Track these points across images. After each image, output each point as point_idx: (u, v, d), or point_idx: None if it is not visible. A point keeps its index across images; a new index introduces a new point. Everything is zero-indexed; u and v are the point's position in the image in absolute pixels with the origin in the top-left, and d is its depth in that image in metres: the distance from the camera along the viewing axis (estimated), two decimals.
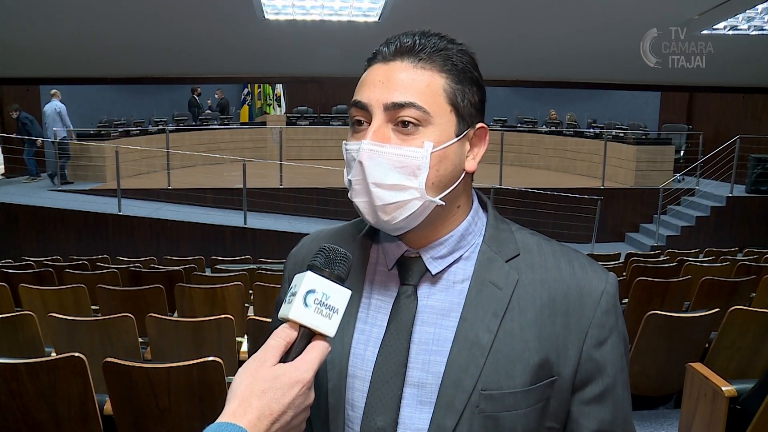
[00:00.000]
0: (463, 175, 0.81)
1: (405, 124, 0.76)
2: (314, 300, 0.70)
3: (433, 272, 0.82)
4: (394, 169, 0.76)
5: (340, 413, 0.82)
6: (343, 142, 0.81)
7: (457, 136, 0.79)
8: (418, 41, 0.78)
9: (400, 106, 0.75)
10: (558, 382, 0.79)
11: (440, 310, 0.81)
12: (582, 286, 0.81)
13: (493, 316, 0.78)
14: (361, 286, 0.85)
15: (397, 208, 0.77)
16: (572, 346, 0.79)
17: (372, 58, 0.81)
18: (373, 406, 0.79)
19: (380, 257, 0.87)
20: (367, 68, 0.81)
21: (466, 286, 0.81)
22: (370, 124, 0.77)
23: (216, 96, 14.07)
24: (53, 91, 9.97)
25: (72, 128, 10.14)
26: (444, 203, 0.79)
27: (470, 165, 0.82)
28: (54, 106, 9.74)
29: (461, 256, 0.83)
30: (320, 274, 0.71)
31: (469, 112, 0.80)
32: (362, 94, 0.78)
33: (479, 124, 0.82)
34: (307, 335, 0.71)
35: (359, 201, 0.79)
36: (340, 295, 0.72)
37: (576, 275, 0.82)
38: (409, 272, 0.83)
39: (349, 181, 0.79)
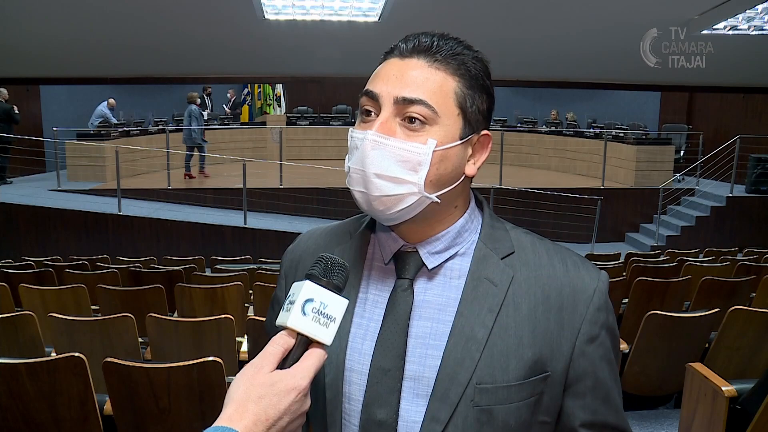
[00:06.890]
0: (462, 178, 0.83)
1: (412, 120, 0.78)
2: (312, 309, 0.71)
3: (430, 267, 0.84)
4: (395, 162, 0.77)
5: (337, 407, 0.84)
6: (350, 129, 0.83)
7: (461, 139, 0.80)
8: (436, 42, 0.80)
9: (410, 101, 0.77)
10: (551, 377, 0.81)
11: (437, 305, 0.83)
12: (575, 284, 0.83)
13: (488, 311, 0.80)
14: (358, 282, 0.87)
15: (394, 201, 0.78)
16: (565, 342, 0.81)
17: (389, 52, 0.82)
18: (372, 399, 0.81)
19: (377, 252, 0.88)
20: (383, 61, 0.82)
21: (463, 282, 0.83)
22: (378, 115, 0.79)
23: (228, 95, 14.10)
24: (110, 100, 11.43)
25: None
26: (440, 201, 0.80)
27: (470, 170, 0.84)
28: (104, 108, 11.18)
29: (457, 252, 0.85)
30: (318, 284, 0.73)
31: (476, 118, 0.82)
32: (375, 85, 0.80)
33: (484, 132, 0.83)
34: (305, 343, 0.72)
35: (356, 190, 0.80)
36: (337, 304, 0.73)
37: (569, 273, 0.84)
38: (405, 266, 0.84)
39: (348, 167, 0.81)
